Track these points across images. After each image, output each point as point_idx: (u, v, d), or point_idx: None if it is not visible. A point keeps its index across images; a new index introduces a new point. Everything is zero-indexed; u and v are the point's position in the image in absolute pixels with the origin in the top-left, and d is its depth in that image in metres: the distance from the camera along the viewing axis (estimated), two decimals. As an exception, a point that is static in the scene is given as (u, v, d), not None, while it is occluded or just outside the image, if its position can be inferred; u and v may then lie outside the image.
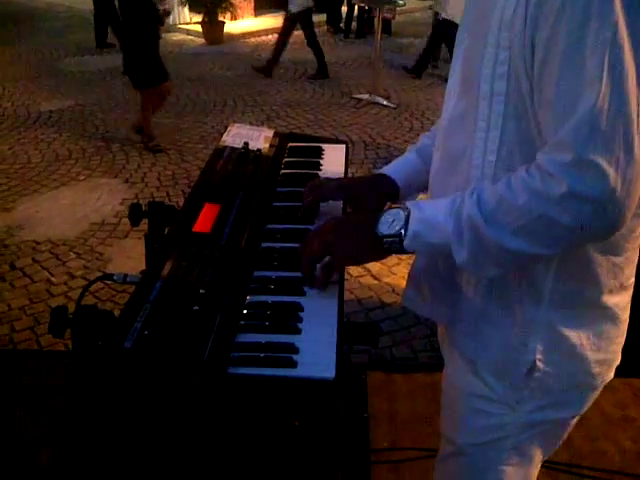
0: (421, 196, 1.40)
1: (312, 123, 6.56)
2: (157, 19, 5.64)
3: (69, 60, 9.13)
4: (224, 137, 1.64)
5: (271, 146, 1.63)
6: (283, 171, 1.61)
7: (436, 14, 8.11)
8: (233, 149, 1.58)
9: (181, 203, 4.60)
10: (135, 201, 4.63)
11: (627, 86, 0.82)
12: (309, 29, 8.27)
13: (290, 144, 1.72)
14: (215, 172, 1.52)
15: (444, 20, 7.64)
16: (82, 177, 5.14)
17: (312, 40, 8.31)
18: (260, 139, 1.62)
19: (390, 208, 1.07)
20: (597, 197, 0.84)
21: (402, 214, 1.03)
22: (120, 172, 5.25)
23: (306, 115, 6.81)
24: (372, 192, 1.37)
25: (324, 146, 1.73)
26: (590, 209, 0.85)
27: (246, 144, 1.57)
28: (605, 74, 0.81)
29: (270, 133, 1.66)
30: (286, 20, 8.34)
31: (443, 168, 1.17)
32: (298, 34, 11.16)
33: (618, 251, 1.04)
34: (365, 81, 7.90)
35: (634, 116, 0.82)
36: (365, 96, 7.34)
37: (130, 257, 3.82)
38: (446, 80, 1.19)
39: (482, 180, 1.03)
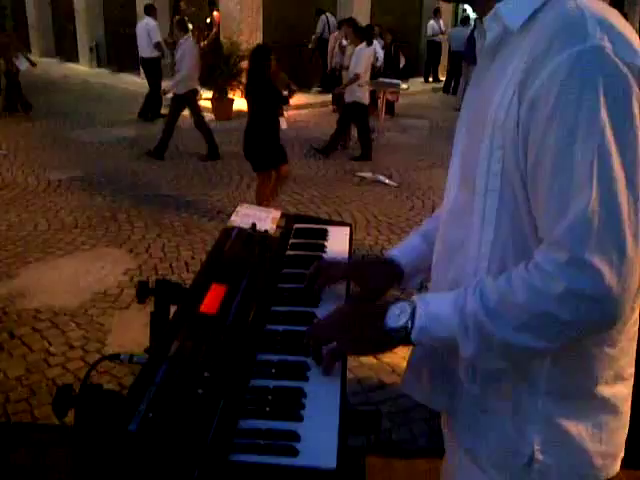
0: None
1: (316, 199, 6.68)
2: (282, 99, 5.78)
3: (80, 131, 9.39)
4: (233, 217, 1.69)
5: (278, 227, 1.68)
6: (289, 252, 1.65)
7: (343, 97, 8.45)
8: (241, 230, 1.63)
9: (184, 276, 4.65)
10: (138, 272, 4.67)
11: (617, 188, 0.87)
12: (195, 110, 8.25)
13: (296, 225, 1.77)
14: (223, 252, 1.56)
15: (353, 102, 8.03)
16: (87, 246, 5.20)
17: (200, 122, 8.28)
18: (267, 220, 1.67)
19: (397, 300, 1.11)
20: (594, 295, 0.88)
21: (408, 308, 1.07)
22: (125, 242, 5.31)
23: (310, 191, 6.94)
24: (378, 276, 1.42)
25: (329, 228, 1.78)
26: (588, 306, 0.89)
27: (254, 225, 1.62)
28: (595, 179, 0.87)
29: (277, 214, 1.72)
30: (172, 100, 8.33)
31: (443, 259, 1.21)
32: (304, 113, 11.55)
33: (611, 342, 1.06)
34: (369, 160, 8.09)
35: (625, 216, 0.87)
36: (368, 174, 7.51)
37: (130, 328, 3.81)
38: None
39: (478, 272, 1.07)
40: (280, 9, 12.30)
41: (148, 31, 10.18)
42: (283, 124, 5.87)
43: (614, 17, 0.95)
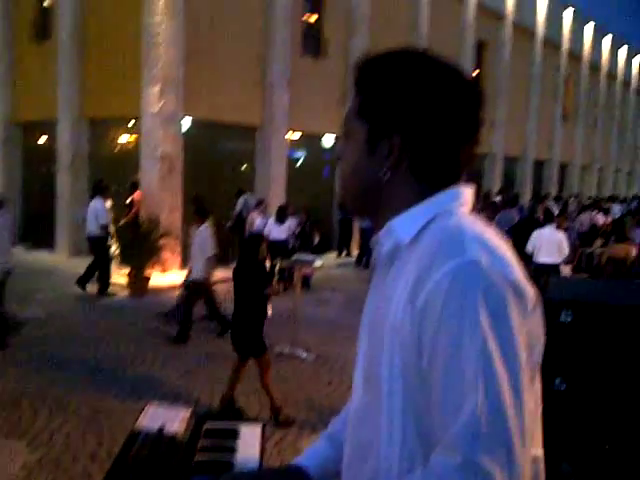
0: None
1: (233, 376, 6.56)
2: (268, 282, 5.92)
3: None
4: (140, 419, 1.67)
5: (187, 429, 1.65)
6: (197, 458, 1.62)
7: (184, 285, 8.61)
8: (147, 435, 1.60)
9: (90, 468, 4.33)
10: (38, 467, 4.32)
11: (501, 391, 0.95)
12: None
13: (207, 426, 1.76)
14: (128, 460, 1.52)
15: (192, 281, 8.22)
16: (-18, 438, 4.81)
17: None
18: (176, 421, 1.65)
19: None
20: None
21: None
22: (27, 431, 4.95)
23: (227, 368, 6.82)
24: None
25: (241, 428, 1.77)
26: None
27: (161, 428, 1.59)
28: (481, 383, 0.95)
29: (187, 414, 1.70)
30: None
31: (353, 460, 1.23)
32: (222, 287, 11.65)
33: None
34: (285, 333, 8.12)
35: (511, 417, 0.94)
36: (286, 349, 7.52)
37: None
38: None
39: (389, 472, 1.10)
40: (199, 189, 12.87)
41: (96, 212, 10.21)
42: (269, 310, 5.98)
43: (489, 234, 1.10)
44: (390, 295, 1.11)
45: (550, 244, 9.32)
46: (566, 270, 10.01)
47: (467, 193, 1.19)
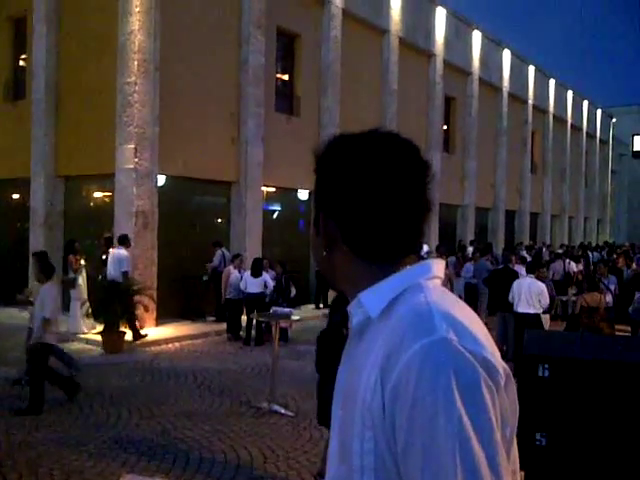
0: None
1: (210, 434, 6.42)
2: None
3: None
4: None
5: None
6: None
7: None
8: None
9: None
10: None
11: (480, 471, 0.95)
12: None
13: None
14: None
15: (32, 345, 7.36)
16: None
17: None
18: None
19: None
20: None
21: None
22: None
23: (204, 426, 6.69)
24: None
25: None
26: None
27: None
28: (459, 463, 0.94)
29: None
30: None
31: None
32: (199, 343, 11.54)
33: None
34: (264, 388, 8.01)
35: None
36: (264, 405, 7.40)
37: None
38: None
39: None
40: (176, 243, 12.85)
41: (118, 259, 10.81)
42: None
43: (458, 310, 1.10)
44: (359, 370, 1.11)
45: (530, 294, 9.44)
46: (546, 319, 10.09)
47: (437, 266, 1.20)
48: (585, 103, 36.67)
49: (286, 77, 16.33)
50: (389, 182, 1.15)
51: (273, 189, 15.79)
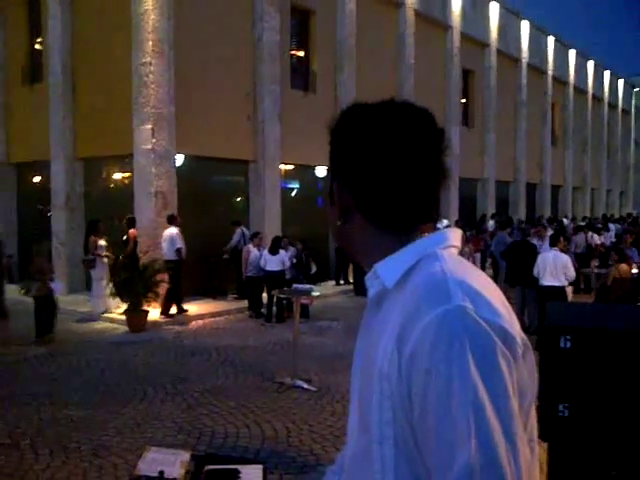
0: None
1: (234, 410, 6.51)
2: None
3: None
4: (139, 464, 1.66)
5: (187, 472, 1.64)
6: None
7: None
8: (148, 479, 1.59)
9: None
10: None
11: (494, 439, 0.94)
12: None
13: (207, 467, 1.74)
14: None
15: None
16: (-19, 483, 4.75)
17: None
18: (176, 464, 1.64)
19: None
20: None
21: None
22: (26, 473, 4.88)
23: (228, 402, 6.78)
24: None
25: (241, 468, 1.75)
26: None
27: (161, 473, 1.58)
28: (473, 432, 0.94)
29: (186, 457, 1.69)
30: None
31: None
32: (221, 320, 11.65)
33: None
34: (286, 364, 8.09)
35: (505, 464, 0.93)
36: (287, 380, 7.47)
37: None
38: None
39: None
40: (196, 222, 12.91)
41: (171, 238, 11.23)
42: None
43: (475, 278, 1.09)
44: (377, 340, 1.11)
45: (555, 267, 9.34)
46: (569, 291, 9.99)
47: (453, 235, 1.20)
48: (607, 73, 35.94)
49: (301, 53, 16.18)
50: (403, 148, 1.14)
51: (291, 166, 15.76)
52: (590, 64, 33.54)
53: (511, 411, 0.97)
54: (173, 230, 11.41)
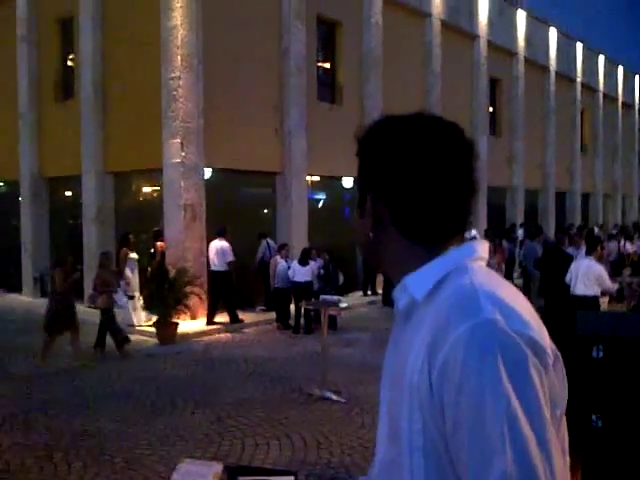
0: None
1: (263, 422, 6.52)
2: None
3: (20, 364, 9.15)
4: (174, 476, 1.68)
5: (221, 483, 1.66)
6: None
7: None
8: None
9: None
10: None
11: (529, 449, 0.94)
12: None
13: (239, 478, 1.75)
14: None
15: None
16: (17, 493, 4.82)
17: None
18: (209, 476, 1.66)
19: None
20: None
21: None
22: (59, 486, 4.96)
23: (257, 414, 6.79)
24: None
25: (273, 479, 1.77)
26: None
27: (196, 483, 1.60)
28: (508, 443, 0.94)
29: (219, 468, 1.71)
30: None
31: None
32: (249, 332, 11.68)
33: None
34: (315, 376, 8.07)
35: (541, 474, 0.93)
36: (316, 391, 7.46)
37: None
38: None
39: None
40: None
41: (222, 251, 11.58)
42: None
43: (504, 290, 1.09)
44: (406, 352, 1.12)
45: (587, 276, 9.14)
46: (604, 301, 9.72)
47: (481, 247, 1.20)
48: (637, 79, 35.40)
49: (328, 65, 16.27)
50: (438, 162, 1.16)
51: (318, 178, 15.81)
52: (620, 70, 33.09)
53: (544, 421, 0.97)
54: (224, 243, 11.67)
